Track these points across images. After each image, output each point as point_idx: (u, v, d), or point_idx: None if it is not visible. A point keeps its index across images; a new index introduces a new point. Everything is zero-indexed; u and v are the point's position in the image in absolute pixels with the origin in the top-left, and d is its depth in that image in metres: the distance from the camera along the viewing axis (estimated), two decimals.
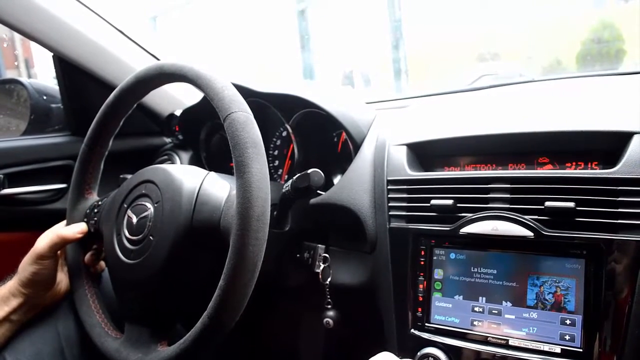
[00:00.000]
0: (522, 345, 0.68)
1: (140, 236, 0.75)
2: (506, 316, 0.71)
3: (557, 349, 0.66)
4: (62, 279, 0.89)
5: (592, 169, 0.71)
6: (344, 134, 1.01)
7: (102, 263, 0.92)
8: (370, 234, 0.84)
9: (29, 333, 0.88)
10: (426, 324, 0.77)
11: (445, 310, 0.75)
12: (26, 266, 0.82)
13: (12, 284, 0.84)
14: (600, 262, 0.65)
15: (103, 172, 0.92)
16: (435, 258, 0.77)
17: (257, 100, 1.01)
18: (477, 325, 0.73)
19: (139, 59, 1.24)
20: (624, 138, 0.67)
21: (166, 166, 0.79)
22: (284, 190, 0.79)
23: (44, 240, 0.83)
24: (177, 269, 0.73)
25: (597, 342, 0.64)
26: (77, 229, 0.86)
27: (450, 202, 0.75)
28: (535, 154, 0.76)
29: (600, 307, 0.64)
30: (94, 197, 0.91)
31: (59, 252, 0.86)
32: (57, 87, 1.27)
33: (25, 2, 1.06)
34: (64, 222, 0.90)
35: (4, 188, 1.11)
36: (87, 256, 0.89)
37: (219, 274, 0.62)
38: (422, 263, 0.78)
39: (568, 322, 0.66)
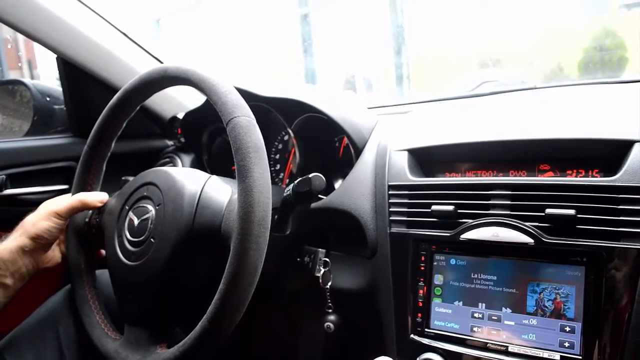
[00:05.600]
0: (522, 352, 0.69)
1: (141, 238, 0.75)
2: (506, 322, 0.71)
3: (557, 356, 0.66)
4: (55, 249, 0.88)
5: (593, 176, 0.72)
6: (345, 138, 1.02)
7: (103, 251, 0.91)
8: (371, 238, 0.84)
9: (29, 333, 0.88)
10: (426, 330, 0.77)
11: (445, 315, 0.75)
12: (39, 221, 0.82)
13: (10, 244, 0.81)
14: (600, 270, 0.65)
15: (105, 173, 0.92)
16: (435, 263, 0.77)
17: (259, 104, 1.01)
18: (477, 332, 0.73)
19: (142, 62, 1.24)
20: (624, 146, 0.68)
21: (168, 169, 0.79)
22: (285, 195, 0.79)
23: (64, 201, 0.84)
24: (177, 272, 0.73)
25: (596, 350, 0.64)
26: (99, 197, 0.87)
27: (451, 207, 0.75)
28: (536, 161, 0.76)
29: (600, 315, 0.65)
30: None
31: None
32: (60, 89, 1.28)
33: (30, 4, 1.06)
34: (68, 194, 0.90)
35: (6, 188, 1.12)
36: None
37: (219, 277, 0.62)
38: (423, 268, 0.78)
39: (567, 329, 0.66)
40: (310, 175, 0.74)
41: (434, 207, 0.77)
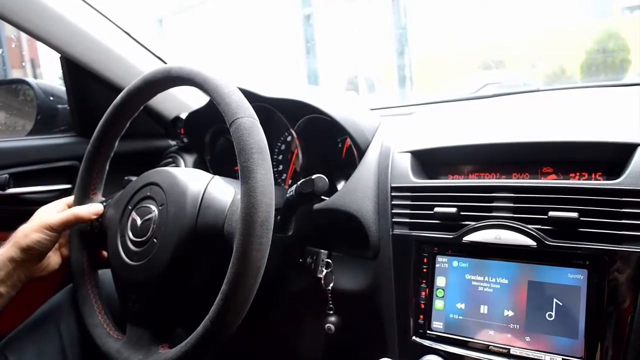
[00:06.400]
0: (524, 355, 0.68)
1: (144, 238, 0.75)
2: (508, 325, 0.71)
3: (559, 359, 0.66)
4: (52, 256, 0.87)
5: (595, 179, 0.72)
6: (348, 140, 1.02)
7: (104, 253, 0.90)
8: (373, 240, 0.84)
9: (31, 332, 0.88)
10: (428, 331, 0.77)
11: (447, 317, 0.75)
12: (31, 233, 0.80)
13: (1, 254, 0.81)
14: (602, 273, 0.65)
15: (108, 173, 0.92)
16: (437, 265, 0.77)
17: (262, 105, 1.01)
18: (479, 334, 0.73)
19: (146, 62, 1.24)
20: (628, 149, 0.68)
21: (171, 169, 0.79)
22: (288, 196, 0.79)
23: (57, 214, 0.83)
24: (179, 272, 0.73)
25: (598, 353, 0.64)
26: (93, 210, 0.85)
27: (453, 210, 0.75)
28: (539, 163, 0.76)
29: (602, 318, 0.65)
30: (98, 198, 0.91)
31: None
32: (63, 88, 1.28)
33: (34, 3, 1.07)
34: (71, 198, 0.90)
35: (9, 187, 1.12)
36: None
37: (221, 278, 0.62)
38: (425, 270, 0.78)
39: (570, 331, 0.66)
40: (313, 177, 0.74)
41: (436, 209, 0.77)
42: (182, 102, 1.31)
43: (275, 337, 1.22)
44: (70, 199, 0.90)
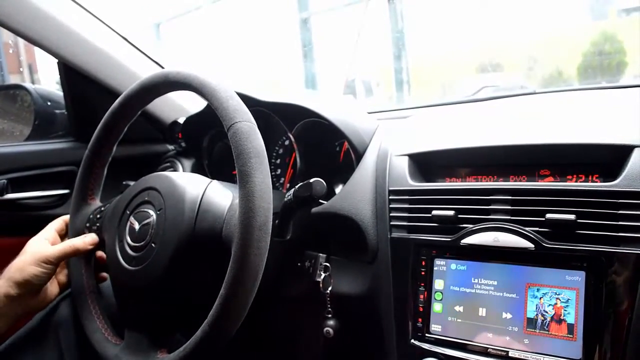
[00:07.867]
0: (522, 357, 0.68)
1: (142, 243, 0.75)
2: (506, 327, 0.71)
3: None
4: (49, 287, 0.84)
5: (592, 181, 0.72)
6: (346, 143, 1.02)
7: (104, 274, 0.91)
8: (372, 243, 0.84)
9: (30, 338, 0.88)
10: (426, 334, 0.77)
11: (445, 320, 0.75)
12: (27, 267, 0.78)
13: None
14: (600, 275, 0.65)
15: (106, 178, 0.92)
16: (436, 268, 0.77)
17: (259, 109, 1.01)
18: (477, 336, 0.73)
19: (143, 67, 1.25)
20: (624, 151, 0.68)
21: (169, 174, 0.79)
22: (286, 200, 0.79)
23: (54, 247, 0.81)
24: (178, 277, 0.73)
25: (597, 355, 0.64)
26: (89, 240, 0.84)
27: (451, 212, 0.76)
28: (536, 166, 0.77)
29: (601, 320, 0.65)
30: (96, 203, 0.91)
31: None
32: (61, 93, 1.28)
33: (31, 9, 1.07)
34: (60, 224, 0.89)
35: (7, 193, 1.12)
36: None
37: (220, 282, 0.62)
38: (423, 273, 0.78)
39: (568, 334, 0.66)
40: (311, 180, 0.74)
41: (434, 212, 0.77)
42: (180, 106, 1.31)
43: (273, 341, 1.22)
44: (59, 224, 0.89)
